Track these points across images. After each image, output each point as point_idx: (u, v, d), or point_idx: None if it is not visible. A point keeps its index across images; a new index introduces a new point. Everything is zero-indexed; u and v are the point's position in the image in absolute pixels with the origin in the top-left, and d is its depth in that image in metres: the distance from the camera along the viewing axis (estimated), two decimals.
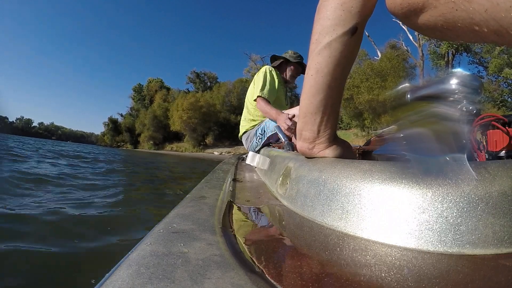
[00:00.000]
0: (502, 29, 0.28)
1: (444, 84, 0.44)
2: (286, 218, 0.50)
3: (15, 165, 5.72)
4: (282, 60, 2.47)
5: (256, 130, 2.29)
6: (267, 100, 2.19)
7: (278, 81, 2.34)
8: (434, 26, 0.34)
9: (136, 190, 4.66)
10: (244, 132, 2.44)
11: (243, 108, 2.49)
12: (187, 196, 0.58)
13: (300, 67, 2.44)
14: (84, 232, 2.21)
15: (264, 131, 2.21)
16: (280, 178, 0.66)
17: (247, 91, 2.50)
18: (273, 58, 2.53)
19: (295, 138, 0.58)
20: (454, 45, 20.81)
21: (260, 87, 2.22)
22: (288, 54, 2.43)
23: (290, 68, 2.45)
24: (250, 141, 2.34)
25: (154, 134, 43.36)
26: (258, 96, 2.20)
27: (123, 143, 56.80)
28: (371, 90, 17.43)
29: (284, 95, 2.43)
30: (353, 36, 0.48)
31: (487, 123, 0.68)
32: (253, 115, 2.39)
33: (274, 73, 2.35)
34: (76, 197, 3.39)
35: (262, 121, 2.30)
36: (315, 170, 0.50)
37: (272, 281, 0.26)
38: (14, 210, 2.51)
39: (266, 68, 2.37)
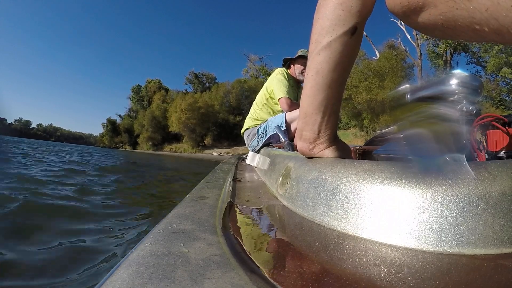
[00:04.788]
0: (503, 28, 0.28)
1: (444, 84, 0.44)
2: (286, 218, 0.50)
3: None
4: (289, 61, 2.51)
5: (258, 129, 2.31)
6: (291, 99, 2.25)
7: (289, 83, 2.38)
8: (434, 25, 0.34)
9: None
10: (247, 129, 2.48)
11: (246, 108, 2.53)
12: (187, 196, 0.58)
13: (303, 59, 2.45)
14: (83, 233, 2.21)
15: (266, 130, 2.23)
16: (280, 178, 0.66)
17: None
18: (284, 61, 2.57)
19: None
20: (452, 45, 20.89)
21: (281, 88, 2.29)
22: (297, 54, 2.45)
23: (295, 66, 2.48)
24: (251, 139, 2.36)
25: (153, 135, 43.22)
26: (282, 97, 2.26)
27: (121, 144, 56.64)
28: (369, 90, 17.45)
29: (295, 95, 2.44)
30: (353, 36, 0.48)
31: (487, 123, 0.68)
32: (259, 115, 2.43)
33: (286, 75, 2.40)
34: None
35: (265, 121, 2.33)
36: (315, 170, 0.49)
37: (272, 281, 0.26)
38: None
39: (282, 70, 2.42)
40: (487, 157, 0.68)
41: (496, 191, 0.32)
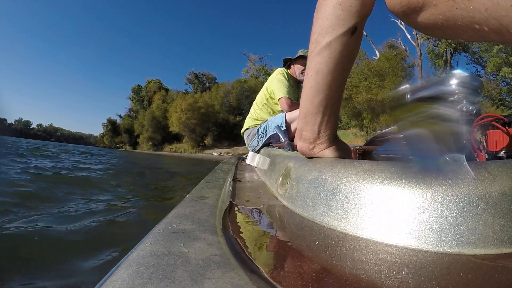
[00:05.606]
0: (503, 27, 0.28)
1: (444, 84, 0.44)
2: (286, 218, 0.50)
3: None
4: (289, 61, 2.50)
5: (258, 129, 2.31)
6: (291, 99, 2.25)
7: (290, 84, 2.38)
8: (433, 24, 0.34)
9: None
10: (247, 129, 2.48)
11: (246, 108, 2.53)
12: (187, 196, 0.58)
13: (303, 60, 2.44)
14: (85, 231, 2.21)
15: (266, 130, 2.22)
16: (280, 178, 0.66)
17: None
18: (285, 61, 2.57)
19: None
20: (452, 44, 20.89)
21: (281, 89, 2.29)
22: (297, 54, 2.44)
23: (296, 66, 2.47)
24: (251, 139, 2.36)
25: (153, 135, 43.21)
26: (282, 97, 2.25)
27: (122, 144, 56.65)
28: (369, 90, 17.43)
29: (296, 95, 2.44)
30: (353, 36, 0.48)
31: (487, 123, 0.68)
32: (259, 115, 2.43)
33: (286, 75, 2.40)
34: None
35: (265, 121, 2.33)
36: (315, 170, 0.49)
37: (272, 281, 0.26)
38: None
39: (282, 70, 2.42)
40: (487, 157, 0.68)
41: (496, 191, 0.32)
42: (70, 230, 2.20)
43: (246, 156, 1.33)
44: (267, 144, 2.22)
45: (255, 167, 1.12)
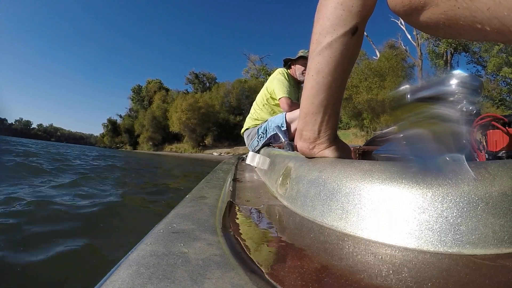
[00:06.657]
0: (505, 27, 0.28)
1: (444, 85, 0.44)
2: (286, 218, 0.50)
3: None
4: (289, 61, 2.50)
5: (258, 129, 2.31)
6: (291, 100, 2.26)
7: (290, 84, 2.38)
8: (435, 24, 0.34)
9: None
10: (247, 129, 2.48)
11: (246, 108, 2.53)
12: (187, 196, 0.58)
13: (304, 60, 2.44)
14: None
15: (266, 130, 2.23)
16: (280, 178, 0.66)
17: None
18: (285, 62, 2.57)
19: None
20: (452, 45, 20.89)
21: (281, 89, 2.29)
22: (298, 55, 2.44)
23: (296, 67, 2.48)
24: (251, 139, 2.37)
25: (153, 135, 43.22)
26: (282, 97, 2.26)
27: (122, 144, 56.67)
28: (370, 90, 17.44)
29: (296, 95, 2.44)
30: (354, 36, 0.48)
31: (487, 123, 0.68)
32: (259, 115, 2.43)
33: (286, 75, 2.41)
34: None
35: (265, 121, 2.32)
36: (315, 170, 0.49)
37: (272, 281, 0.26)
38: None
39: (282, 70, 2.43)
40: (487, 157, 0.68)
41: (496, 191, 0.32)
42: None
43: (246, 156, 1.33)
44: (267, 144, 2.22)
45: (255, 167, 1.12)
